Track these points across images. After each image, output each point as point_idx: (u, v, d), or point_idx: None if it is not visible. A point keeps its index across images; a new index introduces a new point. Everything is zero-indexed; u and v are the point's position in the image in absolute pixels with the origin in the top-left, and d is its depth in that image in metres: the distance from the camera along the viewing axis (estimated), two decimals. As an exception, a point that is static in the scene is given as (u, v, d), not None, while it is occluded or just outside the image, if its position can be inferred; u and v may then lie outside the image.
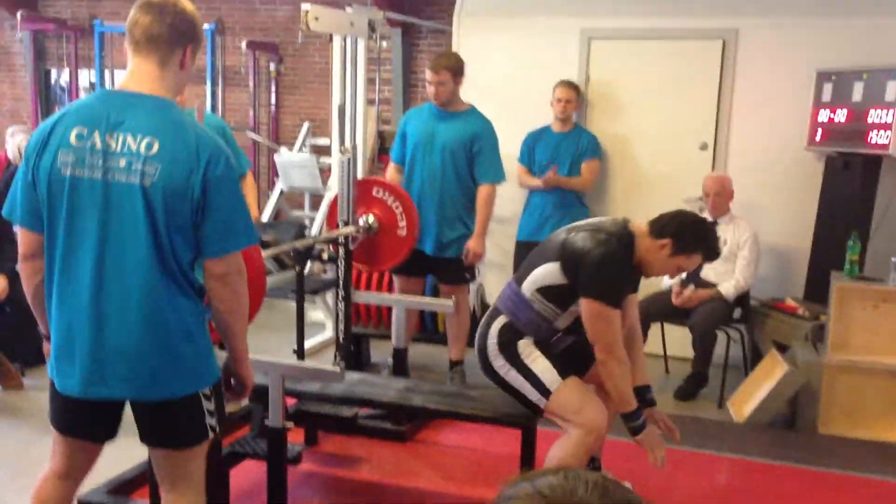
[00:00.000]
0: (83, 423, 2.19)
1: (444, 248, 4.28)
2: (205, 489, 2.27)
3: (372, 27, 5.90)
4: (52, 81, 8.94)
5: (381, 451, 3.71)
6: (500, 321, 2.98)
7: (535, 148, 5.13)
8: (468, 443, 3.78)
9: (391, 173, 4.42)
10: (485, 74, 5.45)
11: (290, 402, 3.36)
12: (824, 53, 4.75)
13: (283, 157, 7.24)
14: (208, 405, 2.16)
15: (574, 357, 3.02)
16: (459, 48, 5.50)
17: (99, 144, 2.01)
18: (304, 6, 4.97)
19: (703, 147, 5.10)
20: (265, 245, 6.46)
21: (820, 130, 4.75)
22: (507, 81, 5.43)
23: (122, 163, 2.00)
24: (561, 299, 2.91)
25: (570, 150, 5.05)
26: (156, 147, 2.00)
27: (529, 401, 2.90)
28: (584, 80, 5.26)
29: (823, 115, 4.72)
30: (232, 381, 2.27)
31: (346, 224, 3.73)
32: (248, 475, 3.26)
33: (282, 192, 7.53)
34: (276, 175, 7.46)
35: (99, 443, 2.25)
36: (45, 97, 8.90)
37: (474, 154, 4.25)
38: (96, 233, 2.02)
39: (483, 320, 3.06)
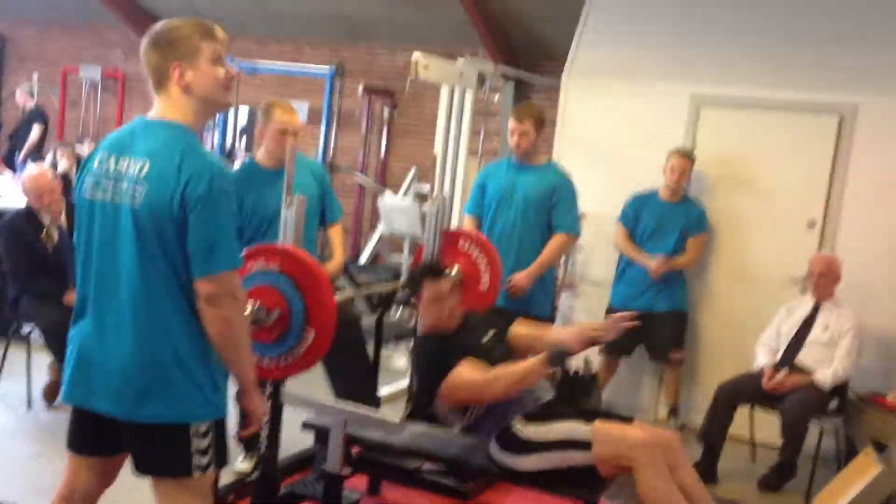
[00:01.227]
0: (79, 435, 2.26)
1: (523, 303, 4.22)
2: None
3: (482, 79, 6.00)
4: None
5: (442, 507, 3.64)
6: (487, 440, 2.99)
7: (641, 213, 4.99)
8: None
9: (467, 226, 4.41)
10: (589, 133, 5.43)
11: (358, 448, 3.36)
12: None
13: (386, 200, 7.36)
14: (199, 442, 2.13)
15: (565, 402, 3.00)
16: (566, 106, 5.50)
17: (112, 168, 2.11)
18: (416, 55, 5.10)
19: (811, 225, 4.88)
20: (358, 286, 6.58)
21: (938, 217, 4.49)
22: (611, 142, 5.38)
23: (124, 185, 2.08)
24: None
25: (678, 223, 4.90)
26: (146, 168, 2.06)
27: (581, 466, 2.82)
28: (691, 146, 5.14)
29: (942, 202, 4.46)
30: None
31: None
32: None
33: (381, 236, 7.65)
34: (378, 218, 7.59)
35: (90, 455, 2.27)
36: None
37: (553, 205, 4.20)
38: (98, 253, 2.13)
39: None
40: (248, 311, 2.51)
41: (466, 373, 2.93)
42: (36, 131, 8.76)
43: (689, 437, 4.76)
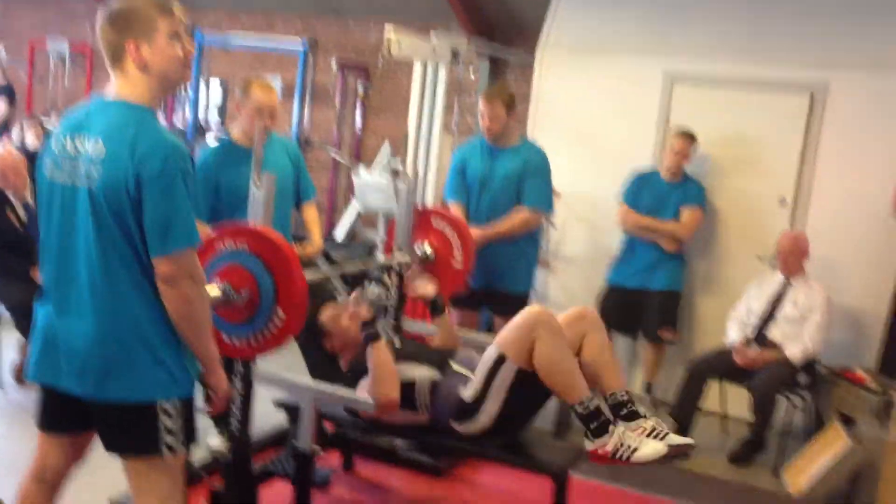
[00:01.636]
0: (48, 414, 2.26)
1: (506, 282, 4.24)
2: None
3: (455, 55, 5.96)
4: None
5: (414, 483, 3.67)
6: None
7: (641, 192, 4.94)
8: (503, 484, 3.70)
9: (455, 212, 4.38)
10: (563, 109, 5.42)
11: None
12: (918, 115, 4.56)
13: (360, 177, 7.31)
14: (167, 421, 2.13)
15: None
16: (540, 82, 5.48)
17: (70, 149, 2.09)
18: (388, 31, 5.05)
19: (782, 202, 4.92)
20: (333, 263, 6.56)
21: (907, 195, 4.53)
22: (585, 119, 5.37)
23: (81, 167, 2.07)
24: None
25: (676, 201, 4.87)
26: (101, 150, 2.05)
27: (517, 382, 2.87)
28: (664, 122, 5.15)
29: (913, 180, 4.51)
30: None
31: (401, 251, 3.72)
32: (281, 494, 3.25)
33: (359, 214, 7.61)
34: (353, 195, 7.54)
35: (60, 433, 2.28)
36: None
37: (523, 180, 4.20)
38: (57, 234, 2.12)
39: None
40: (216, 291, 2.49)
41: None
42: (1, 106, 8.61)
43: (663, 413, 4.83)
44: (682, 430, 4.44)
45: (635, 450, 2.76)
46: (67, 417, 2.24)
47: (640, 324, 4.99)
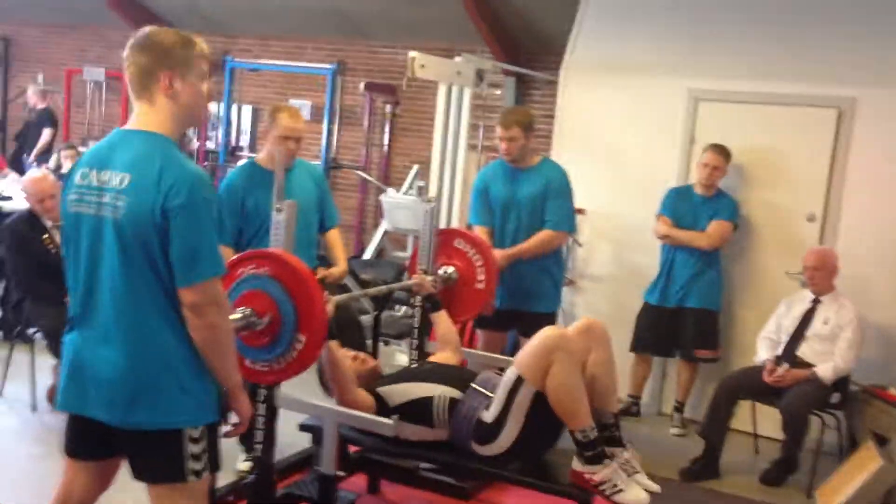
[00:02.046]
0: (75, 440, 2.29)
1: (533, 303, 4.24)
2: None
3: (480, 76, 5.99)
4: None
5: (440, 505, 3.65)
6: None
7: (677, 206, 4.94)
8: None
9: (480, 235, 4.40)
10: (588, 127, 5.42)
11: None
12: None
13: (389, 197, 7.36)
14: (193, 448, 2.15)
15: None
16: (564, 101, 5.49)
17: (95, 181, 2.13)
18: (412, 53, 5.10)
19: (811, 219, 4.87)
20: (362, 282, 6.58)
21: (938, 210, 4.47)
22: (609, 138, 5.37)
23: (107, 198, 2.10)
24: None
25: (709, 215, 4.86)
26: (127, 181, 2.08)
27: (533, 405, 2.86)
28: (689, 141, 5.13)
29: (943, 194, 4.45)
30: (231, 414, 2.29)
31: (425, 273, 3.74)
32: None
33: (386, 233, 7.65)
34: (382, 215, 7.59)
35: (87, 460, 2.30)
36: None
37: (545, 200, 4.20)
38: (85, 265, 2.15)
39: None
40: (238, 316, 2.52)
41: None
42: (46, 134, 8.81)
43: (692, 432, 4.79)
44: (713, 450, 4.40)
45: (620, 490, 2.77)
46: (95, 444, 2.27)
47: (677, 343, 4.96)
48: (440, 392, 3.01)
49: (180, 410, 2.14)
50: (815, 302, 4.47)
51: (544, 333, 2.86)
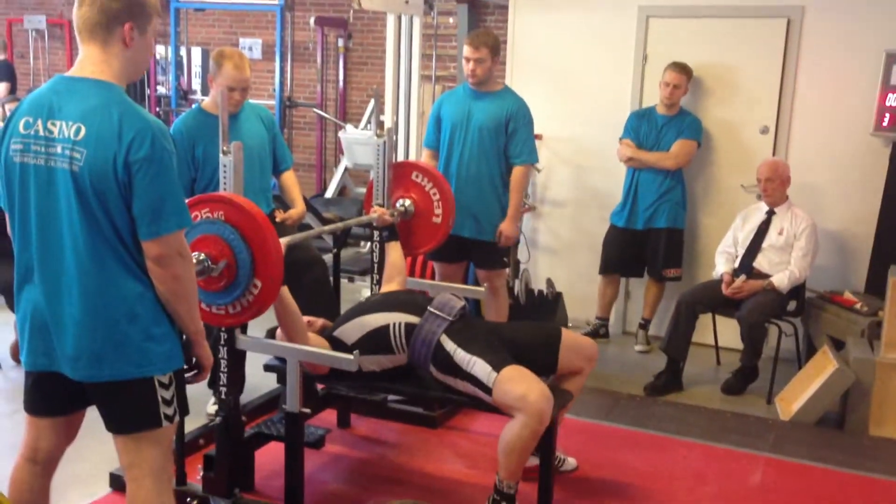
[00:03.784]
0: (41, 398, 2.27)
1: (482, 231, 4.23)
2: (169, 480, 2.30)
3: (430, 4, 5.90)
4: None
5: (411, 436, 3.72)
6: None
7: (640, 128, 4.94)
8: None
9: (426, 160, 4.34)
10: (540, 53, 5.37)
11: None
12: (894, 34, 4.50)
13: (347, 134, 7.29)
14: (164, 393, 2.16)
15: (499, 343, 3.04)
16: (515, 25, 5.42)
17: (42, 131, 2.07)
18: (357, -18, 4.99)
19: (765, 131, 4.90)
20: (325, 221, 6.59)
21: (888, 115, 4.52)
22: (563, 60, 5.33)
23: (59, 149, 2.05)
24: None
25: (673, 135, 4.86)
26: (83, 132, 2.03)
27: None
28: (642, 59, 5.11)
29: (892, 99, 4.49)
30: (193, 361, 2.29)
31: (381, 207, 3.74)
32: (276, 456, 3.31)
33: (346, 169, 7.60)
34: (342, 152, 7.53)
35: (54, 416, 2.29)
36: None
37: (510, 134, 4.17)
38: (36, 218, 2.10)
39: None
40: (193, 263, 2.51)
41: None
42: (2, 88, 8.57)
43: (656, 347, 4.89)
44: (676, 363, 4.50)
45: None
46: (62, 400, 2.26)
47: (644, 263, 5.03)
48: (395, 319, 3.03)
49: (149, 359, 2.13)
50: (770, 213, 4.53)
51: (536, 389, 2.80)
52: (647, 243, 4.96)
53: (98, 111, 2.03)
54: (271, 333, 3.20)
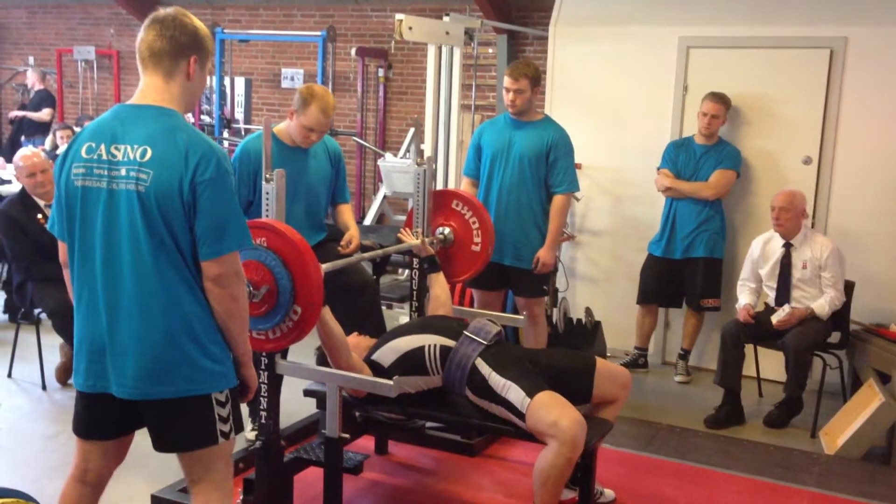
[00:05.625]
0: (92, 421, 2.30)
1: (521, 259, 4.23)
2: (231, 494, 2.32)
3: (469, 35, 5.95)
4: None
5: (448, 463, 3.71)
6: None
7: (678, 158, 4.93)
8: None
9: (465, 188, 4.37)
10: (580, 83, 5.39)
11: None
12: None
13: (386, 162, 7.34)
14: (221, 410, 2.21)
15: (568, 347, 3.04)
16: (555, 56, 5.45)
17: (105, 156, 2.14)
18: (399, 16, 5.06)
19: (808, 161, 4.85)
20: (364, 249, 6.63)
21: (934, 146, 4.46)
22: (602, 91, 5.34)
23: (124, 171, 2.12)
24: None
25: (712, 165, 4.85)
26: (149, 153, 2.11)
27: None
28: (682, 89, 5.10)
29: (938, 130, 4.43)
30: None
31: (409, 233, 3.76)
32: (314, 481, 3.32)
33: (385, 197, 7.65)
34: (381, 179, 7.58)
35: (105, 439, 2.32)
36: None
37: (551, 163, 4.18)
38: (101, 238, 2.15)
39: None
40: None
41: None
42: (45, 113, 8.78)
43: (703, 378, 4.82)
44: (735, 395, 4.44)
45: None
46: (113, 423, 2.30)
47: (683, 293, 4.99)
48: (430, 341, 3.04)
49: (208, 376, 2.19)
50: (787, 246, 4.47)
51: (569, 416, 2.79)
52: (685, 273, 4.93)
53: (164, 135, 2.12)
54: (322, 353, 3.22)
